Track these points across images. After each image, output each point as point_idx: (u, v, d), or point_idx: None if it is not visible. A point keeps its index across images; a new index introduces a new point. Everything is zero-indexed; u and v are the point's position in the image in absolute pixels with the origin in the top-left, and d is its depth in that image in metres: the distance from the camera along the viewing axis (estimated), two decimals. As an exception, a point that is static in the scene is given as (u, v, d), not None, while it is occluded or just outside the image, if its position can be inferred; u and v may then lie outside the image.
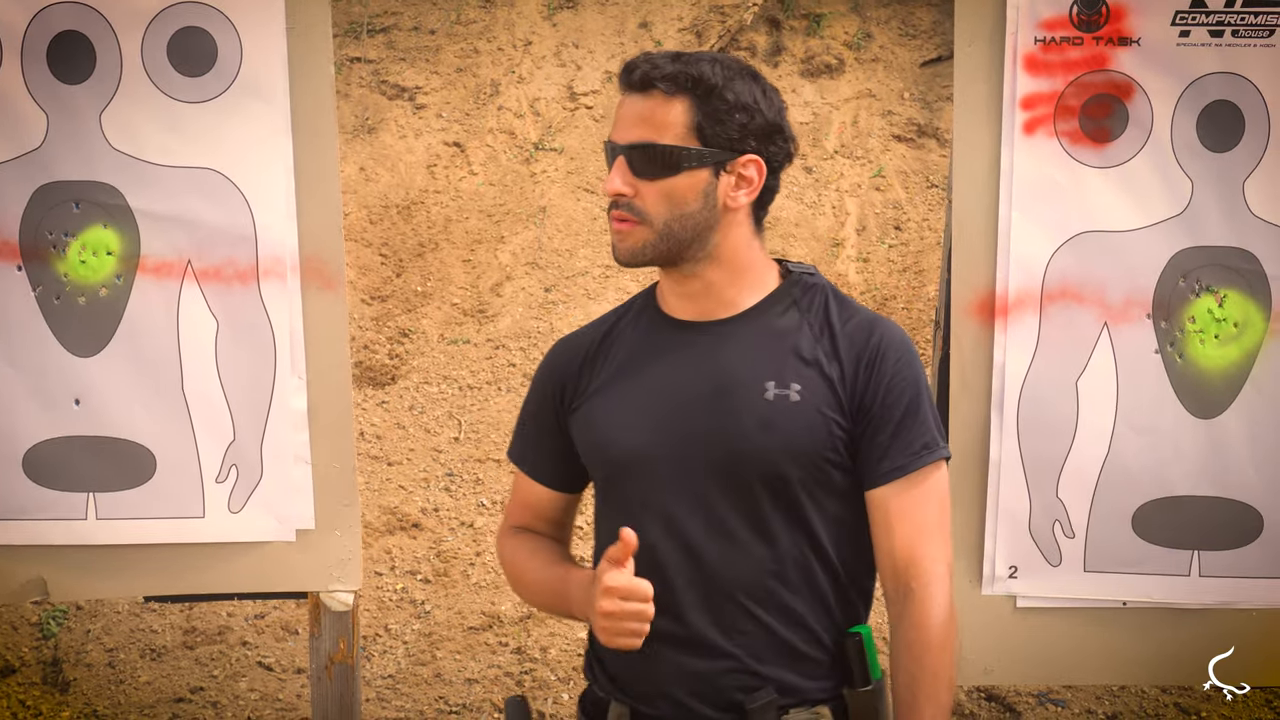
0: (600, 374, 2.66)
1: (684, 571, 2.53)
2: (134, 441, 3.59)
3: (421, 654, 5.58)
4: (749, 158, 2.51)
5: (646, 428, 2.56)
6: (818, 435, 2.50)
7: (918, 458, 2.51)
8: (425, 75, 8.52)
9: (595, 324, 2.76)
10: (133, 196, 3.51)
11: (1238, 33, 3.40)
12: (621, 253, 2.55)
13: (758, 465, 2.49)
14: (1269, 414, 3.50)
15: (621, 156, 2.51)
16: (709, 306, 2.59)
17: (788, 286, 2.61)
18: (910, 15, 8.73)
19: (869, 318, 2.59)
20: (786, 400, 2.50)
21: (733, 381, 2.52)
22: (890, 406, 2.51)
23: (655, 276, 2.72)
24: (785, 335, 2.55)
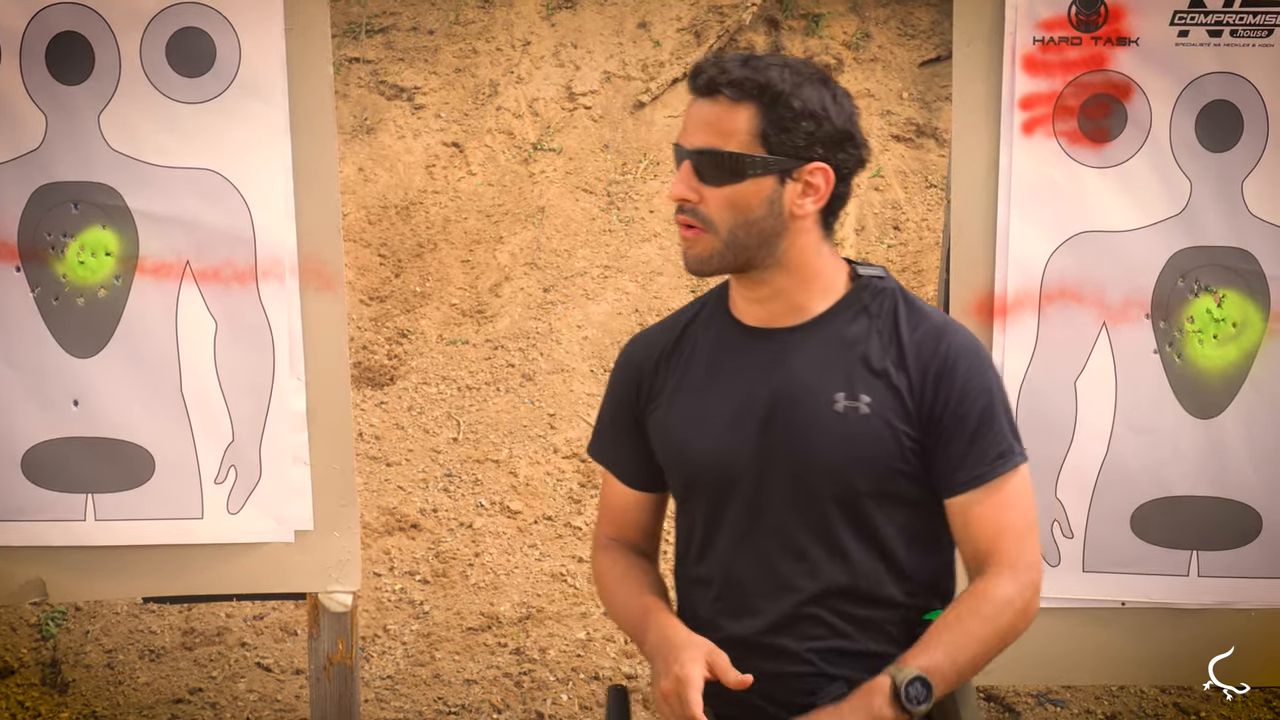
0: (675, 375, 2.64)
1: (756, 580, 2.54)
2: (132, 442, 3.59)
3: (420, 655, 5.57)
4: (816, 165, 2.46)
5: (718, 438, 2.55)
6: (887, 447, 2.48)
7: (993, 467, 2.49)
8: (424, 75, 8.52)
9: (669, 322, 2.73)
10: (131, 197, 3.51)
11: (1236, 32, 3.40)
12: (690, 261, 2.51)
13: (827, 479, 2.49)
14: (1268, 414, 3.50)
15: (688, 161, 2.47)
16: (778, 313, 2.56)
17: (856, 292, 2.57)
18: (909, 15, 8.73)
19: (938, 324, 2.56)
20: (856, 412, 2.48)
21: (802, 392, 2.51)
22: (963, 416, 2.48)
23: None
24: (854, 344, 2.52)
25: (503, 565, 6.07)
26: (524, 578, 6.00)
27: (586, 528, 6.29)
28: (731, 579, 2.56)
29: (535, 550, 6.17)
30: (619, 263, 7.71)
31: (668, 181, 8.06)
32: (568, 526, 6.30)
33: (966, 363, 2.51)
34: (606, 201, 8.03)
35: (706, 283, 7.56)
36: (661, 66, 8.55)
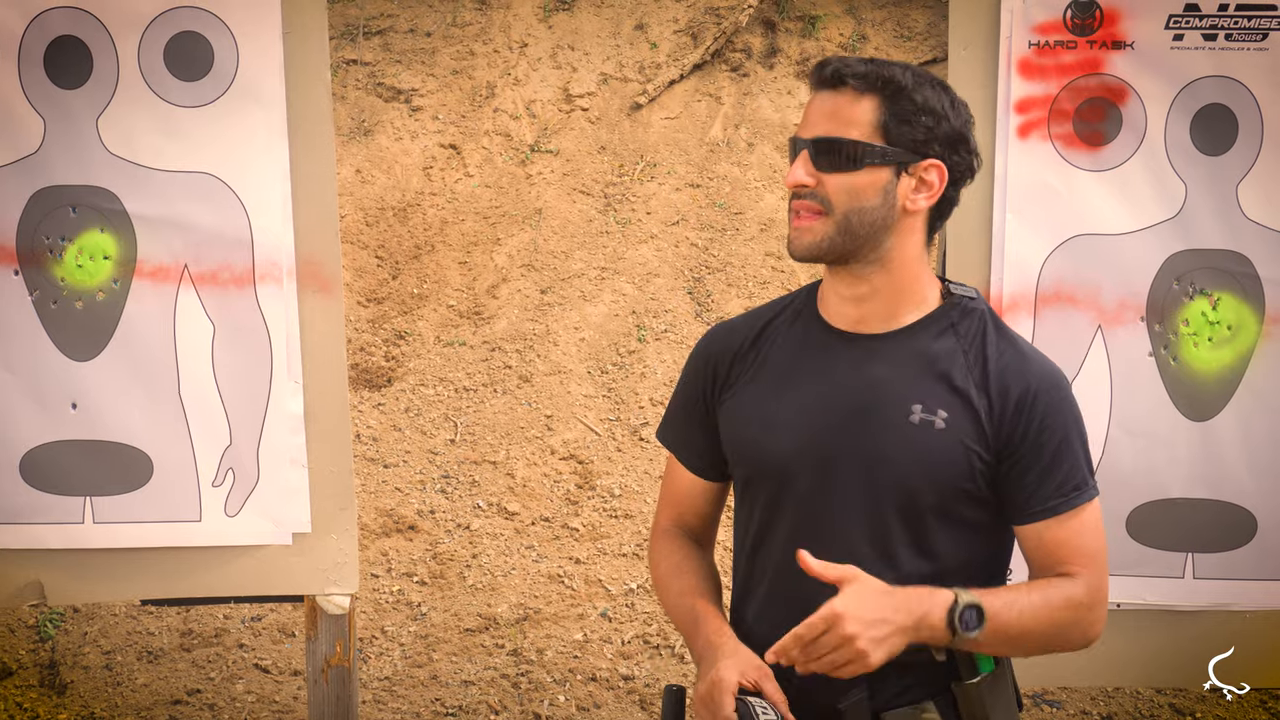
0: (751, 369, 2.66)
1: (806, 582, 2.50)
2: (130, 445, 3.60)
3: (418, 656, 5.58)
4: (931, 162, 2.49)
5: (789, 435, 2.56)
6: (958, 466, 2.49)
7: (1067, 500, 2.50)
8: (421, 78, 8.53)
9: (751, 315, 2.75)
10: (129, 201, 3.51)
11: (1231, 36, 3.40)
12: (799, 248, 2.52)
13: (892, 487, 2.50)
14: (1262, 417, 3.51)
15: (805, 150, 2.50)
16: (869, 316, 2.57)
17: (946, 308, 2.58)
18: (905, 17, 8.74)
19: (1023, 353, 2.57)
20: (931, 426, 2.49)
21: (879, 400, 2.52)
22: (1041, 447, 2.49)
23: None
24: (938, 360, 2.53)
25: (500, 566, 6.08)
26: (521, 579, 6.01)
27: (584, 529, 6.29)
28: (783, 575, 2.56)
29: (533, 551, 6.17)
30: (616, 264, 7.71)
31: (665, 183, 8.08)
32: (565, 528, 6.30)
33: (1048, 394, 2.52)
34: (604, 203, 8.04)
35: (704, 286, 7.57)
36: (658, 68, 8.56)
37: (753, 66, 8.58)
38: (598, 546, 6.20)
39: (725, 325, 2.77)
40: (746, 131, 8.31)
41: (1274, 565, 3.55)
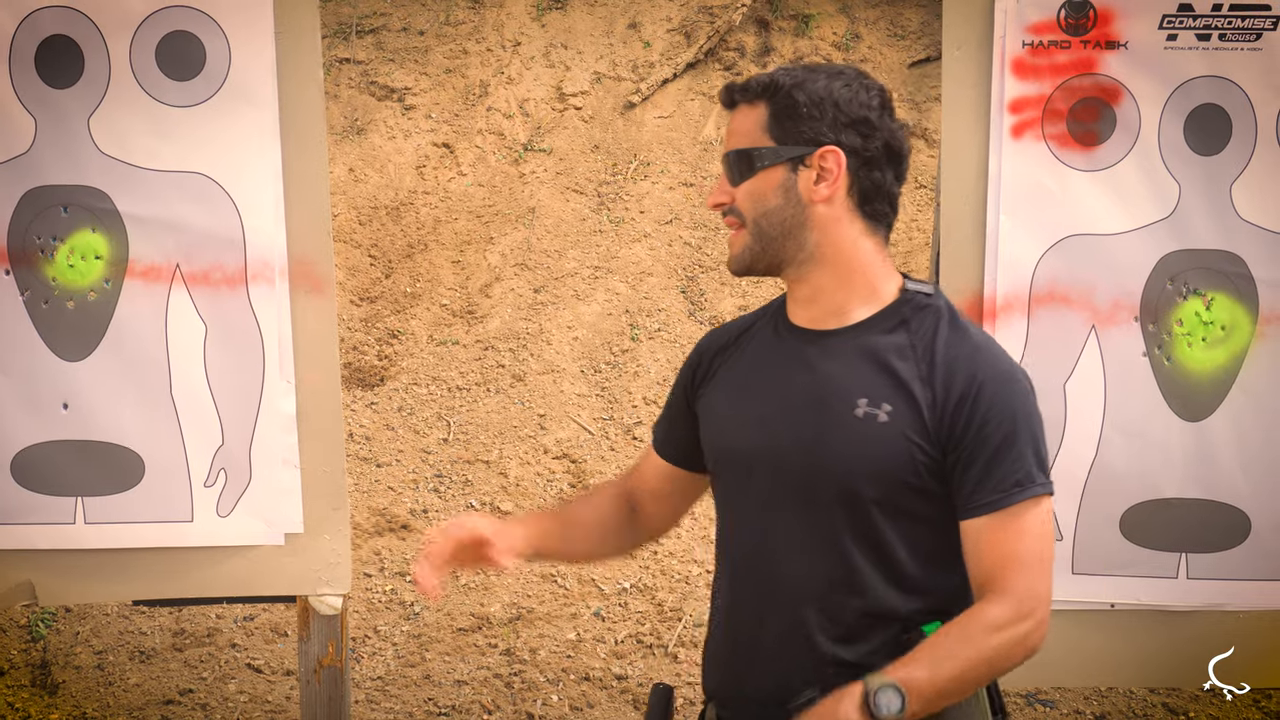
0: (726, 367, 2.71)
1: (759, 573, 2.58)
2: (122, 446, 3.59)
3: (411, 655, 5.58)
4: (825, 149, 2.50)
5: (745, 430, 2.61)
6: (899, 459, 2.48)
7: (1009, 494, 2.47)
8: (414, 76, 8.52)
9: (743, 318, 2.80)
10: (121, 200, 3.51)
11: (1225, 36, 3.40)
12: (731, 262, 2.61)
13: (835, 481, 2.50)
14: (1256, 417, 3.51)
15: (723, 169, 2.59)
16: (821, 314, 2.59)
17: (899, 304, 2.58)
18: (898, 16, 8.74)
19: (975, 345, 2.56)
20: (875, 420, 2.49)
21: (828, 394, 2.53)
22: (984, 440, 2.47)
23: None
24: (887, 354, 2.54)
25: (493, 566, 6.06)
26: (514, 578, 6.00)
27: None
28: (741, 568, 2.62)
29: (526, 551, 6.15)
30: (609, 263, 7.71)
31: (658, 182, 8.08)
32: (558, 527, 6.29)
33: (995, 387, 2.50)
34: (597, 202, 8.03)
35: (697, 285, 7.57)
36: (651, 67, 8.56)
37: (746, 65, 8.58)
38: (591, 546, 6.19)
39: (718, 328, 2.84)
40: (740, 130, 8.29)
41: (1268, 565, 3.55)
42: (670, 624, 5.71)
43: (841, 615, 2.52)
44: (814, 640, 2.53)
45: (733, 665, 2.63)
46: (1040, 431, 2.53)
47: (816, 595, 2.53)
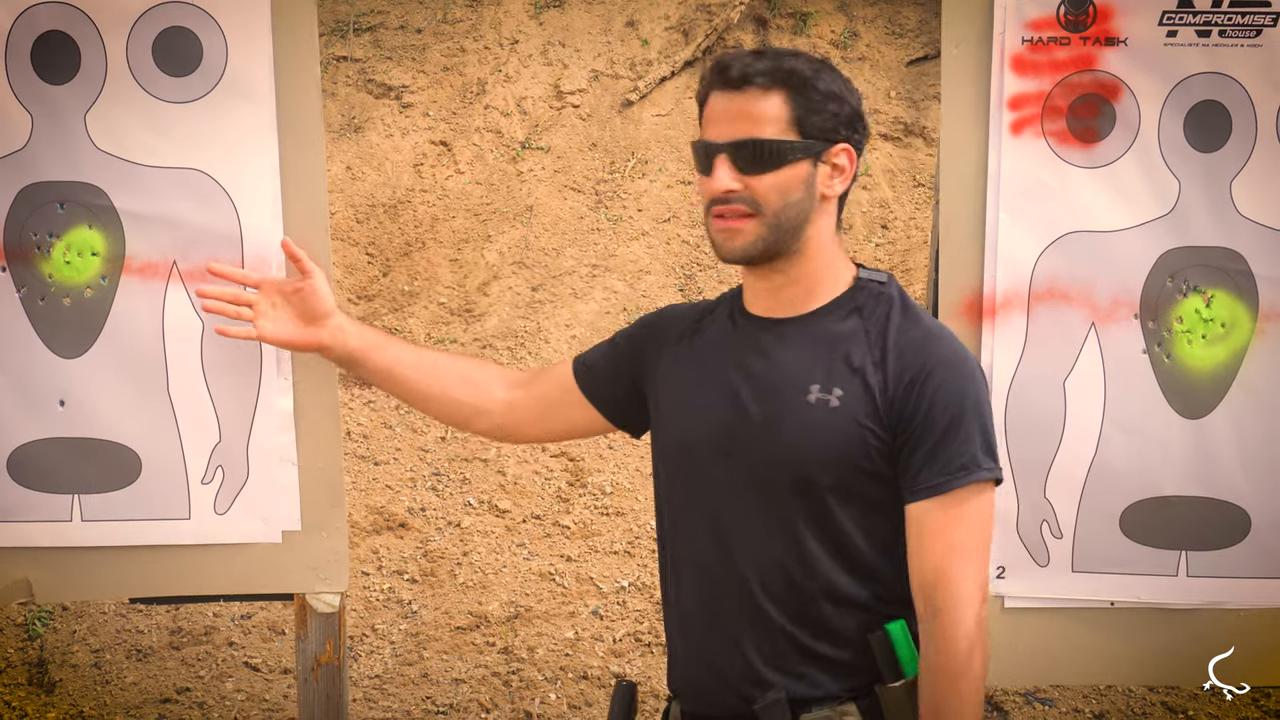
0: (683, 349, 2.73)
1: (715, 562, 2.59)
2: (119, 443, 3.57)
3: (408, 654, 5.57)
4: (842, 146, 2.56)
5: (699, 417, 2.62)
6: (851, 443, 2.51)
7: (954, 478, 2.49)
8: (412, 74, 8.51)
9: (702, 304, 2.82)
10: (118, 197, 3.49)
11: (1225, 33, 3.39)
12: (731, 251, 2.57)
13: (788, 466, 2.52)
14: (1256, 414, 3.50)
15: (724, 154, 2.53)
16: (782, 303, 2.62)
17: (853, 292, 2.63)
18: (896, 14, 8.73)
19: (927, 331, 2.60)
20: (826, 405, 2.52)
21: (781, 381, 2.56)
22: (931, 423, 2.50)
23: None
24: (840, 340, 2.57)
25: (491, 564, 6.07)
26: (512, 577, 6.00)
27: (575, 527, 6.28)
28: (694, 559, 2.63)
29: (523, 549, 6.16)
30: (607, 262, 7.70)
31: (656, 180, 8.06)
32: (556, 525, 6.29)
33: (945, 371, 2.53)
34: (595, 200, 8.03)
35: (695, 283, 7.56)
36: (649, 65, 8.55)
37: (744, 63, 8.57)
38: (589, 544, 6.19)
39: (679, 307, 2.86)
40: (738, 128, 8.29)
41: (1268, 563, 3.54)
42: (668, 622, 5.70)
43: (799, 600, 2.54)
44: (773, 625, 2.54)
45: (692, 660, 2.64)
46: (989, 418, 2.57)
47: (773, 581, 2.55)
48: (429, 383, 3.01)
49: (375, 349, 3.04)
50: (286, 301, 3.14)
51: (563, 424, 2.96)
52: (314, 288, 3.09)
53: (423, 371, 3.02)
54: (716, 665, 2.59)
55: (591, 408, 2.88)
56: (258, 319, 3.13)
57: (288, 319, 3.14)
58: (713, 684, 2.59)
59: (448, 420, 3.10)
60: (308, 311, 3.12)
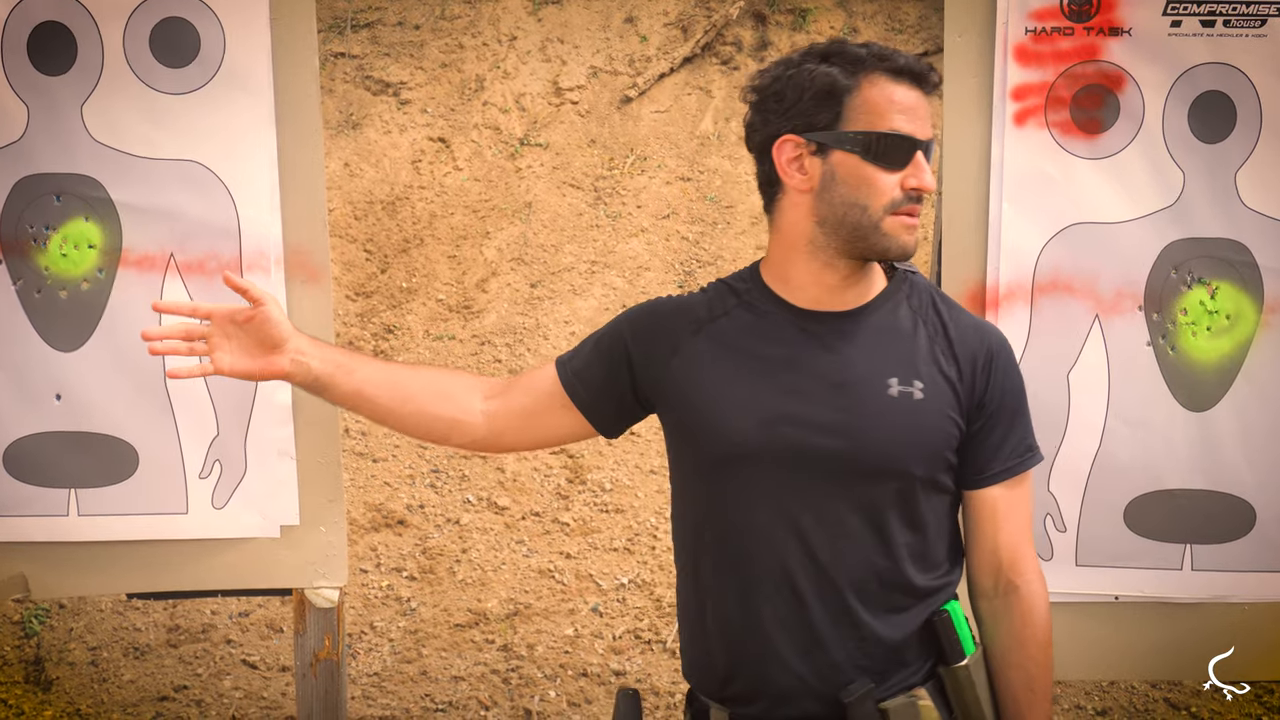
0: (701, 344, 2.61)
1: (794, 567, 2.52)
2: (116, 437, 3.56)
3: (407, 651, 5.55)
4: None
5: (763, 414, 2.53)
6: (940, 434, 2.51)
7: (1024, 460, 2.58)
8: (410, 71, 8.50)
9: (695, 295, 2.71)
10: (115, 189, 3.48)
11: (1229, 23, 3.38)
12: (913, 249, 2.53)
13: (880, 461, 2.49)
14: (1261, 406, 3.49)
15: (921, 150, 2.49)
16: (847, 297, 2.57)
17: (897, 283, 2.61)
18: (896, 10, 8.72)
19: (975, 319, 2.63)
20: (910, 398, 2.50)
21: (853, 376, 2.52)
22: (1003, 408, 2.55)
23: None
24: (903, 332, 2.56)
25: (490, 561, 6.05)
26: (511, 574, 5.98)
27: (574, 524, 6.26)
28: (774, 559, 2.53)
29: (523, 546, 6.14)
30: (606, 258, 7.69)
31: (655, 177, 8.05)
32: (555, 522, 6.28)
33: (1005, 355, 2.59)
34: (593, 197, 8.01)
35: (694, 279, 7.55)
36: (648, 61, 8.54)
37: (743, 60, 8.56)
38: (588, 541, 6.18)
39: (667, 303, 2.72)
40: (737, 125, 8.28)
41: (1273, 557, 3.53)
42: (668, 620, 5.68)
43: (884, 596, 2.53)
44: (859, 622, 2.52)
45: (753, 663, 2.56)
46: None
47: (863, 580, 2.52)
48: (401, 402, 2.79)
49: (342, 372, 2.78)
50: (241, 330, 2.78)
51: (544, 432, 2.82)
52: (267, 315, 2.75)
53: (394, 391, 2.79)
54: (793, 670, 2.52)
55: (577, 413, 2.75)
56: (213, 352, 2.78)
57: (243, 349, 2.79)
58: (789, 688, 2.52)
59: (425, 437, 2.88)
60: (265, 339, 2.77)
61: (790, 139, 2.50)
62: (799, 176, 2.51)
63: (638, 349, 2.67)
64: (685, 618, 2.70)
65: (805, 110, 2.49)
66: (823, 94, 2.48)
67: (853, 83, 2.47)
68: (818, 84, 2.48)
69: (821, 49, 2.52)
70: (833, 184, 2.48)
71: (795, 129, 2.50)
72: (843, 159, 2.47)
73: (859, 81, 2.47)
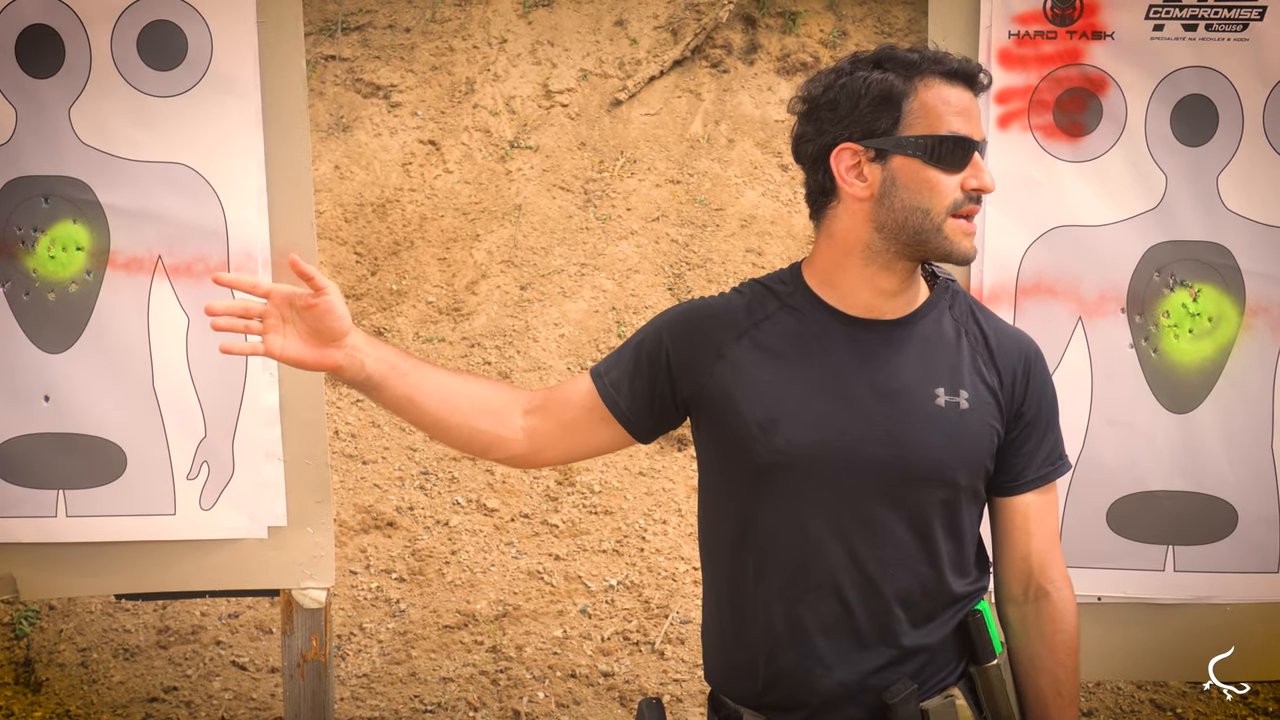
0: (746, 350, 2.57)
1: (846, 572, 2.51)
2: (104, 438, 3.57)
3: (396, 653, 5.56)
4: None
5: (812, 422, 2.50)
6: (984, 444, 2.52)
7: (1056, 468, 2.60)
8: (400, 73, 8.50)
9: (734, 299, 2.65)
10: (103, 191, 3.48)
11: (1211, 26, 3.39)
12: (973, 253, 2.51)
13: (929, 471, 2.49)
14: (1243, 408, 3.50)
15: (978, 151, 2.49)
16: (897, 304, 2.56)
17: (940, 292, 2.61)
18: (885, 13, 8.73)
19: (1011, 328, 2.65)
20: (957, 408, 2.50)
21: (902, 385, 2.51)
22: (1040, 415, 2.57)
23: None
24: (945, 341, 2.56)
25: (479, 563, 6.06)
26: (501, 575, 5.98)
27: (563, 525, 6.27)
28: (821, 566, 2.52)
29: (512, 548, 6.15)
30: (596, 260, 7.69)
31: (645, 179, 8.06)
32: (544, 524, 6.28)
33: (1041, 364, 2.61)
34: (583, 199, 8.02)
35: (684, 281, 7.55)
36: (638, 64, 8.55)
37: (733, 63, 8.57)
38: (577, 543, 6.18)
39: (705, 306, 2.67)
40: (727, 128, 8.30)
41: (1255, 558, 3.54)
42: (657, 621, 5.69)
43: (926, 603, 2.54)
44: (902, 630, 2.53)
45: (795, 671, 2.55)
46: None
47: (908, 589, 2.52)
48: (449, 412, 2.70)
49: (395, 374, 2.68)
50: (299, 316, 2.66)
51: (583, 446, 2.76)
52: (330, 305, 2.63)
53: (443, 401, 2.69)
54: (836, 677, 2.52)
55: (616, 425, 2.69)
56: (267, 334, 2.65)
57: (298, 335, 2.66)
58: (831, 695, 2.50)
59: (466, 449, 2.79)
60: (323, 330, 2.65)
61: (849, 147, 2.48)
62: (859, 184, 2.48)
63: (678, 355, 2.62)
64: (716, 626, 2.66)
65: (863, 117, 2.47)
66: (880, 100, 2.46)
67: (909, 87, 2.46)
68: (874, 90, 2.46)
69: (872, 56, 2.51)
70: (894, 189, 2.46)
71: (853, 136, 2.47)
72: (904, 164, 2.45)
73: (915, 86, 2.46)
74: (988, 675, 2.58)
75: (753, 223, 7.65)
